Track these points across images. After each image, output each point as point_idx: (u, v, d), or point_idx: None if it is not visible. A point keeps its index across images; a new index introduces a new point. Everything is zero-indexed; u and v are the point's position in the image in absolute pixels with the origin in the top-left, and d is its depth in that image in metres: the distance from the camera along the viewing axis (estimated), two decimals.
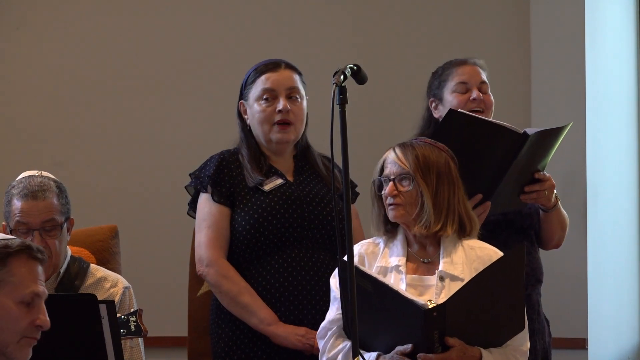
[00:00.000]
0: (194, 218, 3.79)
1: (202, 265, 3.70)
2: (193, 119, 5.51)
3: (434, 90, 3.85)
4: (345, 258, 3.10)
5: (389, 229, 3.34)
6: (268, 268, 3.67)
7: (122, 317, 3.29)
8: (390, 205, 3.27)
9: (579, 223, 4.82)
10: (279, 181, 3.74)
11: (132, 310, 3.55)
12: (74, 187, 3.99)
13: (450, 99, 3.79)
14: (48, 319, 2.70)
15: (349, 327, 3.17)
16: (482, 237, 3.42)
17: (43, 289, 2.72)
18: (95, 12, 5.58)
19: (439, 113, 3.83)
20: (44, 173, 3.61)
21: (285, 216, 3.68)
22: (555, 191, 3.67)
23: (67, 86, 5.57)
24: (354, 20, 5.51)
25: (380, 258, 3.31)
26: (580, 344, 5.05)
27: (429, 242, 3.31)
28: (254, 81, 3.76)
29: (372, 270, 3.21)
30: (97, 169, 5.52)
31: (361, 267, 3.16)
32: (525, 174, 3.60)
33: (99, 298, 3.06)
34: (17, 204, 3.51)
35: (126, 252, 4.16)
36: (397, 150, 3.31)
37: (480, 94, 3.77)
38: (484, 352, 3.13)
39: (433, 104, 3.85)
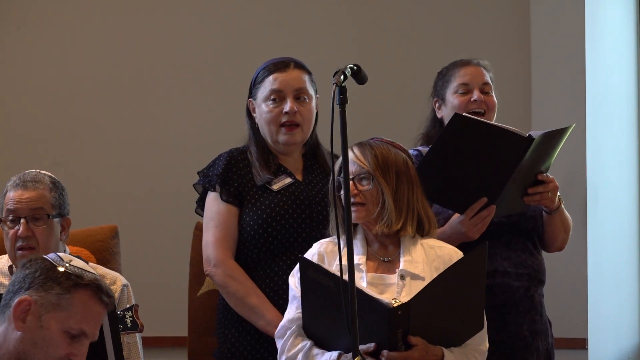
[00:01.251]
0: (202, 216, 3.77)
1: (209, 265, 3.68)
2: (193, 119, 5.51)
3: (438, 90, 3.85)
4: (307, 256, 3.16)
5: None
6: (276, 269, 3.66)
7: (118, 312, 3.29)
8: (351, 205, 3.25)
9: (579, 223, 4.81)
10: (288, 180, 3.72)
11: (128, 306, 3.56)
12: (74, 187, 3.99)
13: (452, 99, 3.79)
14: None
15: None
16: (483, 238, 3.43)
17: (94, 332, 2.72)
18: (96, 12, 5.58)
19: (442, 113, 3.83)
20: (44, 171, 3.63)
21: (293, 216, 3.66)
22: (558, 193, 3.67)
23: (67, 86, 5.57)
24: (354, 20, 5.51)
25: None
26: (580, 344, 5.04)
27: (388, 241, 3.32)
28: (262, 80, 3.72)
29: (332, 269, 3.18)
30: (97, 169, 5.52)
31: (325, 267, 3.16)
32: (529, 176, 3.59)
33: None
34: (9, 194, 3.56)
35: (126, 252, 4.16)
36: (356, 149, 3.30)
37: (482, 96, 3.77)
38: (446, 352, 3.14)
39: (437, 104, 3.85)
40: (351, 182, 3.25)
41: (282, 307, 3.60)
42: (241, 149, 3.77)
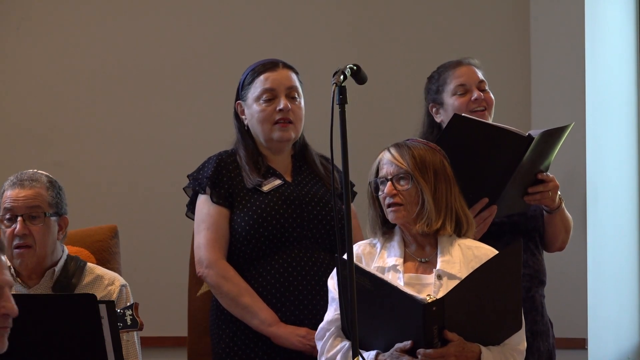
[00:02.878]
0: (193, 220, 3.78)
1: (201, 267, 3.69)
2: (193, 119, 5.51)
3: (433, 95, 3.84)
4: (345, 257, 3.11)
5: (386, 231, 3.34)
6: (268, 268, 3.67)
7: (119, 310, 3.29)
8: (389, 206, 3.27)
9: (579, 223, 4.81)
10: (278, 182, 3.73)
11: (128, 304, 3.56)
12: (74, 187, 3.99)
13: (452, 102, 3.78)
14: (14, 305, 2.64)
15: (347, 327, 3.18)
16: (484, 239, 3.43)
17: (5, 277, 2.64)
18: (95, 12, 5.58)
19: (441, 117, 3.82)
20: (42, 171, 3.63)
21: (284, 216, 3.68)
22: (559, 192, 3.67)
23: (67, 86, 5.57)
24: (353, 20, 5.51)
25: (378, 258, 3.32)
26: (580, 344, 5.04)
27: (426, 242, 3.32)
28: (252, 81, 3.75)
29: (371, 270, 3.21)
30: (97, 169, 5.52)
31: (360, 265, 3.17)
32: (529, 176, 3.59)
33: (97, 296, 3.05)
34: (6, 193, 3.56)
35: (126, 252, 4.16)
36: (393, 150, 3.31)
37: (481, 94, 3.77)
38: (483, 349, 3.14)
39: (434, 109, 3.84)
40: (389, 183, 3.27)
41: (275, 306, 3.62)
42: (230, 152, 3.79)
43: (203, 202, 3.73)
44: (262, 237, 3.66)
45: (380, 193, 3.30)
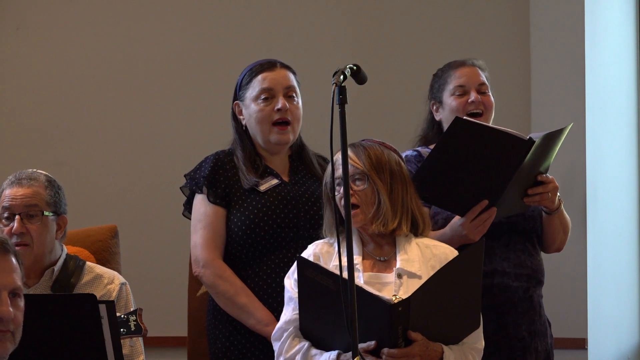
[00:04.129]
0: (189, 219, 3.78)
1: (198, 267, 3.69)
2: (193, 118, 5.51)
3: (435, 92, 3.84)
4: (303, 255, 3.19)
5: (342, 230, 3.32)
6: (264, 268, 3.67)
7: (122, 316, 3.30)
8: None
9: (579, 223, 4.82)
10: (275, 181, 3.73)
11: (131, 307, 3.56)
12: (74, 187, 4.00)
13: (449, 102, 3.78)
14: (8, 308, 2.63)
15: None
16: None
17: (6, 282, 2.64)
18: (95, 12, 5.58)
19: (440, 116, 3.82)
20: (41, 170, 3.64)
21: (280, 216, 3.67)
22: (558, 194, 3.67)
23: (67, 86, 5.57)
24: (353, 20, 5.51)
25: (335, 258, 3.30)
26: (580, 344, 5.05)
27: (384, 241, 3.33)
28: (250, 81, 3.75)
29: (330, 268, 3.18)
30: (97, 169, 5.53)
31: (324, 266, 3.17)
32: (529, 177, 3.59)
33: (96, 295, 3.05)
34: (5, 192, 3.56)
35: (126, 252, 4.16)
36: (349, 151, 3.28)
37: (479, 96, 3.77)
38: (445, 349, 3.14)
39: (434, 107, 3.84)
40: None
41: (271, 306, 3.62)
42: (227, 151, 3.79)
43: (200, 202, 3.73)
44: (258, 237, 3.66)
45: (336, 193, 3.28)
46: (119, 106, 5.55)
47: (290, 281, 3.31)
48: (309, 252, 3.35)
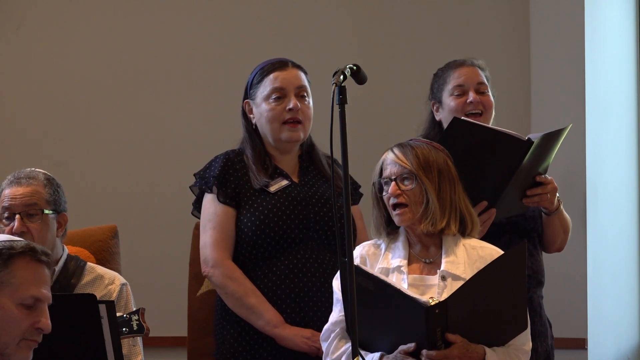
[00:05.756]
0: (199, 218, 3.77)
1: (207, 266, 3.68)
2: (193, 119, 5.51)
3: (435, 92, 3.85)
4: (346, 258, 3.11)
5: (390, 231, 3.34)
6: (274, 269, 3.66)
7: (125, 315, 3.30)
8: (394, 206, 3.27)
9: (579, 223, 4.82)
10: (284, 182, 3.72)
11: (131, 308, 3.56)
12: (74, 187, 3.99)
13: (448, 102, 3.79)
14: (49, 322, 2.69)
15: (350, 328, 3.17)
16: (484, 239, 3.42)
17: (46, 292, 2.70)
18: (95, 12, 5.58)
19: (440, 115, 3.83)
20: (39, 169, 3.64)
21: (290, 217, 3.67)
22: (557, 194, 3.67)
23: (67, 86, 5.57)
24: (353, 20, 5.51)
25: (382, 259, 3.31)
26: (580, 344, 5.04)
27: (431, 242, 3.32)
28: (261, 80, 3.73)
29: (373, 271, 3.21)
30: (97, 169, 5.52)
31: (362, 267, 3.16)
32: (528, 178, 3.59)
33: (97, 296, 3.05)
34: (4, 192, 3.57)
35: (126, 252, 4.16)
36: (396, 150, 3.31)
37: (477, 96, 3.76)
38: (488, 351, 3.14)
39: (435, 106, 3.85)
40: (393, 183, 3.26)
41: (280, 307, 3.61)
42: (237, 151, 3.78)
43: (209, 201, 3.72)
44: (268, 238, 3.65)
45: (384, 194, 3.29)
46: (119, 106, 5.54)
47: (337, 282, 3.31)
48: (356, 254, 3.34)
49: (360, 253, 3.34)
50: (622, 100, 5.45)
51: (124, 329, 3.26)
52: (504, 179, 3.49)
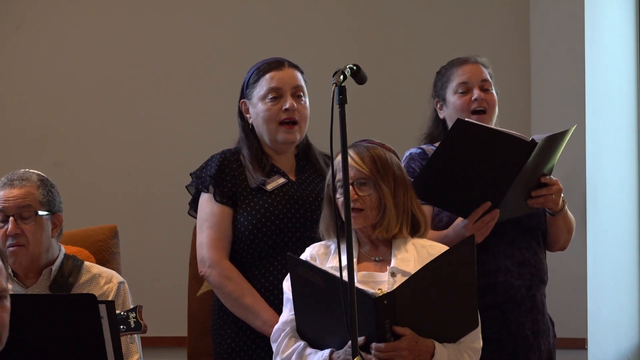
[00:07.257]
0: (195, 218, 3.77)
1: (204, 266, 3.68)
2: (193, 118, 5.51)
3: (438, 90, 3.84)
4: (301, 257, 3.16)
5: (341, 232, 3.31)
6: (271, 269, 3.66)
7: (122, 313, 3.30)
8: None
9: (579, 223, 4.79)
10: (282, 180, 3.72)
11: (129, 306, 3.56)
12: (74, 187, 4.00)
13: (453, 100, 3.78)
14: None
15: (300, 327, 3.21)
16: (488, 238, 3.43)
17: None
18: (95, 12, 5.58)
19: (444, 113, 3.82)
20: (33, 170, 3.64)
21: (287, 216, 3.67)
22: (562, 195, 3.66)
23: (67, 86, 5.57)
24: (353, 20, 5.51)
25: (331, 259, 3.31)
26: (580, 344, 5.04)
27: (380, 243, 3.32)
28: (257, 80, 3.73)
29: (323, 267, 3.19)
30: (97, 169, 5.52)
31: (312, 262, 3.17)
32: (532, 179, 3.59)
33: (95, 295, 3.05)
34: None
35: (126, 252, 4.16)
36: (352, 153, 3.28)
37: (482, 94, 3.76)
38: (438, 345, 3.13)
39: (438, 105, 3.84)
40: (351, 187, 3.23)
41: (277, 307, 3.61)
42: (233, 150, 3.77)
43: (206, 201, 3.72)
44: (265, 237, 3.66)
45: (337, 196, 3.27)
46: (119, 106, 5.54)
47: (288, 284, 3.30)
48: (306, 255, 3.36)
49: (310, 253, 3.35)
50: (622, 100, 5.45)
51: (121, 327, 3.26)
52: (507, 180, 3.49)
